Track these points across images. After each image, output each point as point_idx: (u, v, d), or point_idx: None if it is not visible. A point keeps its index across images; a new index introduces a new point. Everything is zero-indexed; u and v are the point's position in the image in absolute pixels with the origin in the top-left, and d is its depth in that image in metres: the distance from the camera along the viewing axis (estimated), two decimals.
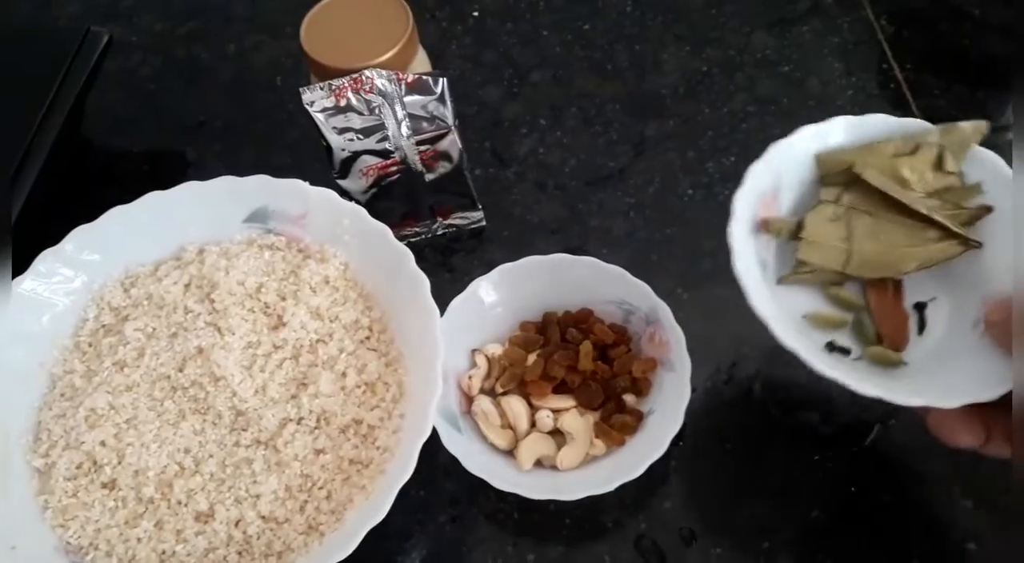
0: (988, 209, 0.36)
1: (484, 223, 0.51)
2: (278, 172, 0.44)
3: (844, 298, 0.37)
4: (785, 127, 0.58)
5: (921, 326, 0.36)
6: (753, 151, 0.36)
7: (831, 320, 0.37)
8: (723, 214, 0.37)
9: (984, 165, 0.36)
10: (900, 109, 0.54)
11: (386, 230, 0.41)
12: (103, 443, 0.38)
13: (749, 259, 0.35)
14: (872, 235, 0.36)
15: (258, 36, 0.62)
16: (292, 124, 0.57)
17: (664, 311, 0.42)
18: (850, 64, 0.57)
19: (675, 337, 0.41)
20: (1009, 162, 0.35)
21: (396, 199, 0.47)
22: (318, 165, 0.55)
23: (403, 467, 0.35)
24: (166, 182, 0.44)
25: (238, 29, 0.63)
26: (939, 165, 0.36)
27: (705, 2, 0.61)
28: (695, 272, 0.48)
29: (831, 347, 0.36)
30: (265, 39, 0.62)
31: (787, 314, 0.35)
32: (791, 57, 0.58)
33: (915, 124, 0.37)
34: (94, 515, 0.37)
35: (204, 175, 0.43)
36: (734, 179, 0.35)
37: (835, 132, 0.37)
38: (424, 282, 0.39)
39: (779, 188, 0.37)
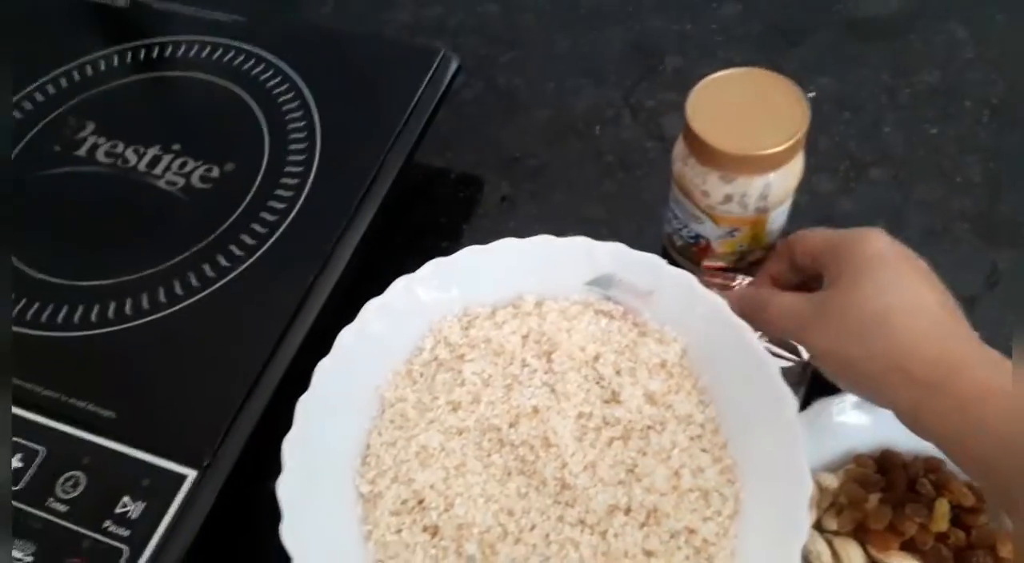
0: None
1: None
2: (589, 224, 0.42)
3: None
4: None
5: None
6: None
7: None
8: None
9: None
10: None
11: (746, 328, 0.39)
12: (432, 486, 0.38)
13: None
14: None
15: (579, 79, 0.61)
16: (608, 176, 0.56)
17: None
18: None
19: None
20: None
21: None
22: (632, 224, 0.53)
23: None
24: (480, 212, 0.44)
25: (559, 67, 0.62)
26: None
27: None
28: None
29: None
30: (586, 83, 0.61)
31: None
32: None
33: None
34: (416, 560, 0.36)
35: (517, 213, 0.43)
36: None
37: None
38: (790, 398, 0.37)
39: None
